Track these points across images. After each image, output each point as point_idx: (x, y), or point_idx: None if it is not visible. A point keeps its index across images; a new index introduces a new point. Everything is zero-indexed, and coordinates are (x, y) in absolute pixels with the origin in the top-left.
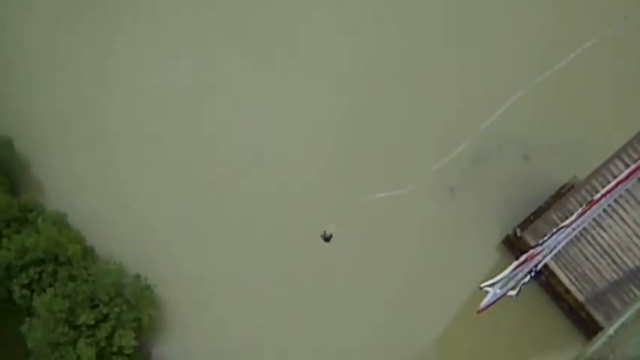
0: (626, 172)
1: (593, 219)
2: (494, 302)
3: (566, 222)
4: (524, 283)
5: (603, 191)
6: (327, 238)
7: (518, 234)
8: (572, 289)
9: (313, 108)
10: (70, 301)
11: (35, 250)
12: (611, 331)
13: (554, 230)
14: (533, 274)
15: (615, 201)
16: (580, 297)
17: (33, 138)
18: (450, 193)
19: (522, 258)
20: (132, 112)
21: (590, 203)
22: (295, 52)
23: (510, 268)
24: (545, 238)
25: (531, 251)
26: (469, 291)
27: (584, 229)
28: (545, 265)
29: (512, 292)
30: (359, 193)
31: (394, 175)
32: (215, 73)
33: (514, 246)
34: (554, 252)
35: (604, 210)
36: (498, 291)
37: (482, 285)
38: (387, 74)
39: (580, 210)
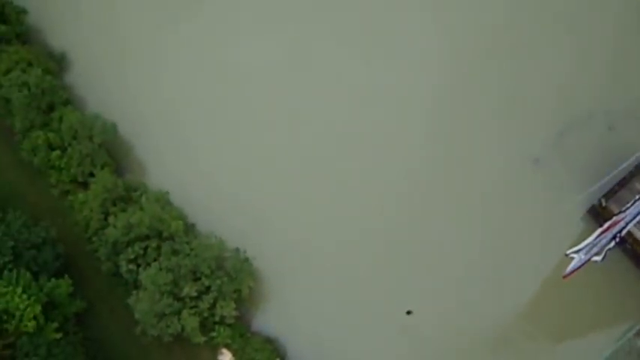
0: None
1: None
2: (579, 267)
3: None
4: (609, 249)
5: None
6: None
7: (603, 204)
8: None
9: (409, 82)
10: (173, 274)
11: (140, 227)
12: None
13: (637, 197)
14: (617, 239)
15: None
16: None
17: (136, 122)
18: (537, 163)
19: (606, 225)
20: (228, 94)
21: None
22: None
23: (594, 235)
24: (628, 205)
25: (614, 218)
26: (556, 259)
27: None
28: (630, 234)
29: (597, 258)
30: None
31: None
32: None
33: (599, 215)
34: (638, 219)
35: None
36: (583, 257)
37: (567, 252)
38: (480, 51)
39: None
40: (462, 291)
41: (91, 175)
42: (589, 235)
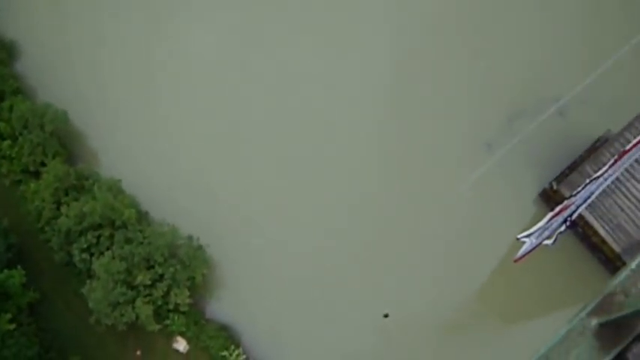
0: None
1: (627, 171)
2: (530, 251)
3: (599, 173)
4: (560, 233)
5: (634, 142)
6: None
7: (555, 187)
8: (609, 239)
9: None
10: (127, 262)
11: (92, 216)
12: (634, 265)
13: (587, 181)
14: (568, 223)
15: None
16: (616, 247)
17: (87, 110)
18: (488, 148)
19: (557, 209)
20: (180, 78)
21: (621, 154)
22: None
23: (546, 219)
24: (579, 189)
25: (565, 202)
26: (508, 243)
27: (619, 181)
28: (582, 217)
29: (548, 241)
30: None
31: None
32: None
33: (550, 199)
34: (588, 202)
35: (638, 162)
36: (534, 240)
37: (519, 236)
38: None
39: (611, 161)
40: (413, 276)
41: (43, 164)
42: (540, 218)
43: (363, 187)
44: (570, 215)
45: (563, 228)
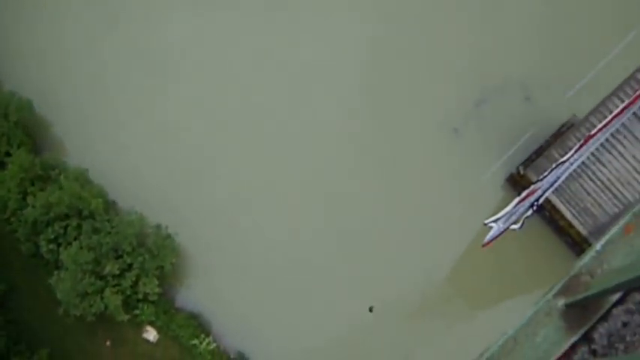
0: (621, 106)
1: (593, 155)
2: (497, 236)
3: (565, 157)
4: (527, 217)
5: (599, 126)
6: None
7: (522, 172)
8: (575, 222)
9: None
10: (95, 252)
11: (59, 206)
12: (598, 246)
13: (554, 166)
14: (535, 207)
15: (614, 137)
16: (583, 230)
17: (52, 98)
18: (455, 134)
19: (524, 194)
20: (145, 65)
21: (587, 138)
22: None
23: (513, 203)
24: (545, 173)
25: (532, 187)
26: (475, 228)
27: (585, 165)
28: (549, 201)
29: (515, 226)
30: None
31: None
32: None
33: (517, 184)
34: (555, 186)
35: (603, 146)
36: (501, 225)
37: (486, 221)
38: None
39: (577, 145)
40: (382, 264)
41: (8, 154)
42: (508, 202)
43: (332, 174)
44: (537, 199)
45: (530, 212)
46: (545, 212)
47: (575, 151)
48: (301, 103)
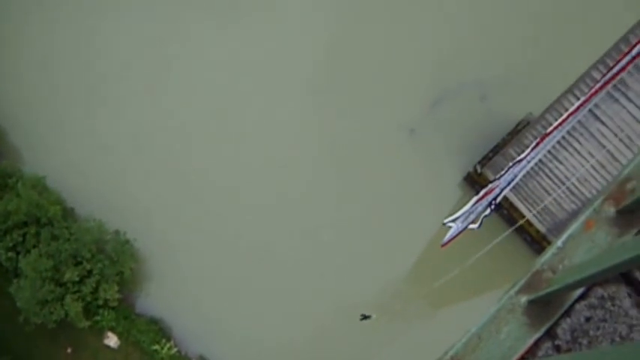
0: (576, 104)
1: (550, 152)
2: (456, 235)
3: (522, 155)
4: (485, 216)
5: (555, 124)
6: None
7: (479, 170)
8: (534, 220)
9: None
10: (54, 260)
11: (17, 214)
12: (559, 242)
13: (511, 164)
14: (493, 206)
15: (570, 134)
16: (541, 228)
17: (7, 106)
18: (411, 134)
19: (481, 193)
20: (102, 71)
21: (543, 136)
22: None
23: (471, 203)
24: (503, 172)
25: (490, 185)
26: (434, 228)
27: (542, 162)
28: (506, 199)
29: (474, 225)
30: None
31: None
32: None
33: (475, 182)
34: (512, 185)
35: (560, 143)
36: (460, 225)
37: (445, 221)
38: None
39: (534, 143)
40: (339, 262)
41: None
42: (466, 201)
43: (289, 175)
44: (495, 198)
45: (488, 211)
46: (504, 210)
47: (532, 149)
48: (254, 105)
